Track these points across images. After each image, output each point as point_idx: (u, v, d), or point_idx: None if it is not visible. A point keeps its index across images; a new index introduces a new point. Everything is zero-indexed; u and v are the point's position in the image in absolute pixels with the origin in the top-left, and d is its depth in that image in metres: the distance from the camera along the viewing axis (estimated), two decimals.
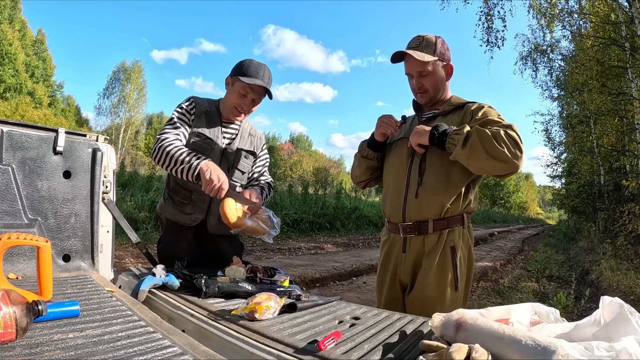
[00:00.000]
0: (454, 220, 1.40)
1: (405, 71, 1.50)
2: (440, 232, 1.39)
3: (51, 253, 1.00)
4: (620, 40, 7.22)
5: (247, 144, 1.70)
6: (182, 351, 0.75)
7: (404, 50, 1.44)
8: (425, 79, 1.46)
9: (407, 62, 1.47)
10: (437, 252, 1.38)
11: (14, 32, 21.32)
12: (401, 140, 1.54)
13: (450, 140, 1.29)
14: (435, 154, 1.39)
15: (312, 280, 4.71)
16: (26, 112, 20.01)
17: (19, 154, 1.37)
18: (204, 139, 1.58)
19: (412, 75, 1.48)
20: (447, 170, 1.38)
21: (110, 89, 29.40)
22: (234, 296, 1.20)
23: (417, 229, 1.41)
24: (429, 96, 1.49)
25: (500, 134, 1.22)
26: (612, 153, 9.29)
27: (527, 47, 11.12)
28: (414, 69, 1.45)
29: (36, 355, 0.69)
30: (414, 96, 1.54)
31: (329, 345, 0.80)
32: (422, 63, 1.42)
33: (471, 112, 1.41)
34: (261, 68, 1.57)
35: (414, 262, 1.42)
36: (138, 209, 7.48)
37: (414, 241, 1.42)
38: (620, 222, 7.19)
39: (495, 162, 1.21)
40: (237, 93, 1.57)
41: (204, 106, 1.63)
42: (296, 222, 10.09)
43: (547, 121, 14.26)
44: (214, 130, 1.61)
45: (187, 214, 1.62)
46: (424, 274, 1.38)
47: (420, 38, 1.45)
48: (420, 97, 1.51)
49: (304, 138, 52.07)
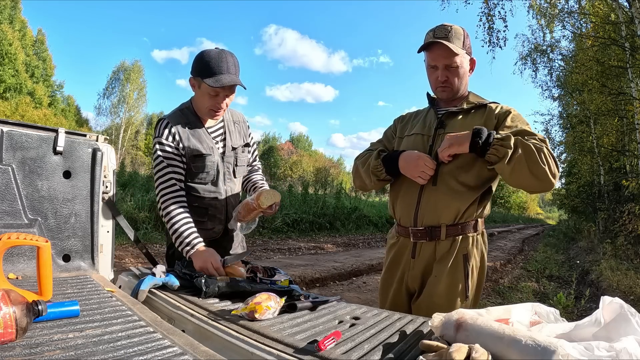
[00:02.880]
0: (467, 226, 1.33)
1: (429, 62, 1.38)
2: (454, 238, 1.32)
3: (51, 253, 1.00)
4: (620, 40, 7.22)
5: (237, 137, 1.63)
6: (182, 351, 0.75)
7: (437, 40, 1.31)
8: (451, 72, 1.35)
9: (434, 52, 1.35)
10: (448, 260, 1.31)
11: (14, 32, 21.32)
12: (413, 136, 1.43)
13: (493, 151, 1.17)
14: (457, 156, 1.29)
15: (312, 280, 4.71)
16: (26, 112, 20.02)
17: (19, 154, 1.37)
18: (203, 158, 1.51)
19: (437, 67, 1.36)
20: (465, 173, 1.30)
21: (110, 89, 29.42)
22: (234, 296, 1.20)
23: (428, 235, 1.33)
24: (451, 91, 1.39)
25: (544, 152, 1.16)
26: (612, 153, 9.29)
27: (527, 47, 11.12)
28: (441, 60, 1.34)
29: (36, 355, 0.69)
30: (433, 90, 1.44)
31: (329, 345, 0.80)
32: (451, 54, 1.31)
33: (496, 115, 1.33)
34: (223, 59, 1.40)
35: (423, 268, 1.36)
36: (138, 209, 7.48)
37: (424, 247, 1.35)
38: (620, 222, 7.19)
39: (536, 180, 1.16)
40: (207, 95, 1.44)
41: (181, 123, 1.50)
42: (296, 222, 10.08)
43: (547, 121, 14.24)
44: (205, 142, 1.53)
45: (209, 230, 1.58)
46: (434, 281, 1.32)
47: (448, 27, 1.33)
48: (441, 91, 1.40)
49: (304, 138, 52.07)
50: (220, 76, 1.40)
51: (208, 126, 1.57)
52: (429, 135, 1.39)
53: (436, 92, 1.43)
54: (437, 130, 1.38)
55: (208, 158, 1.52)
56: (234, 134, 1.63)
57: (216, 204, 1.59)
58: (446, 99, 1.43)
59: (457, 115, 1.39)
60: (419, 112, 1.54)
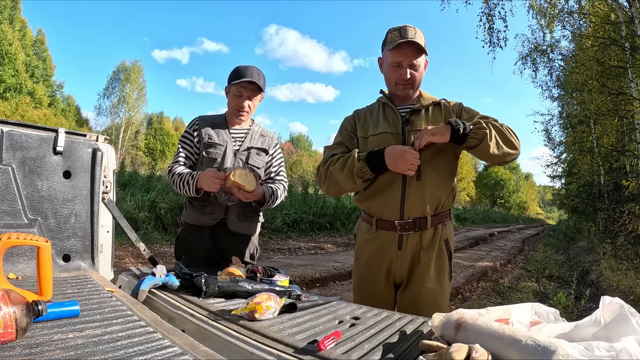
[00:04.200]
0: (445, 215, 1.46)
1: (393, 59, 1.43)
2: (435, 226, 1.43)
3: (51, 253, 1.00)
4: (620, 40, 7.22)
5: (257, 143, 1.78)
6: (182, 351, 0.75)
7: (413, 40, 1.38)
8: (416, 71, 1.44)
9: (403, 50, 1.40)
10: (434, 246, 1.42)
11: (14, 32, 21.32)
12: (381, 135, 1.46)
13: (473, 135, 1.30)
14: (429, 149, 1.38)
15: (312, 280, 4.71)
16: (26, 112, 20.02)
17: (19, 154, 1.37)
18: (215, 146, 1.70)
19: (401, 65, 1.43)
20: (441, 164, 1.42)
21: (110, 89, 29.42)
22: (234, 296, 1.20)
23: (416, 226, 1.41)
24: (411, 88, 1.47)
25: (506, 127, 1.35)
26: (612, 153, 9.29)
27: (527, 47, 11.12)
28: (409, 59, 1.41)
29: (36, 355, 0.69)
30: (391, 87, 1.50)
31: (329, 345, 0.80)
32: (418, 54, 1.41)
33: (453, 109, 1.48)
34: (248, 68, 1.68)
35: (411, 258, 1.43)
36: (138, 209, 7.48)
37: (410, 238, 1.42)
38: (620, 222, 7.19)
39: (511, 151, 1.33)
40: (233, 96, 1.70)
41: (209, 120, 1.76)
42: (296, 222, 10.08)
43: (547, 121, 14.26)
44: (222, 136, 1.73)
45: (208, 214, 1.69)
46: (425, 267, 1.41)
47: (413, 29, 1.41)
48: (402, 89, 1.47)
49: (304, 138, 52.09)
50: (242, 77, 1.65)
51: (232, 128, 1.77)
52: (397, 133, 1.45)
53: (395, 89, 1.48)
54: (404, 127, 1.46)
55: (219, 147, 1.70)
56: (255, 140, 1.79)
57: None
58: (404, 97, 1.50)
59: (419, 112, 1.48)
60: (372, 109, 1.57)
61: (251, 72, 1.67)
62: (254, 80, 1.65)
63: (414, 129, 1.44)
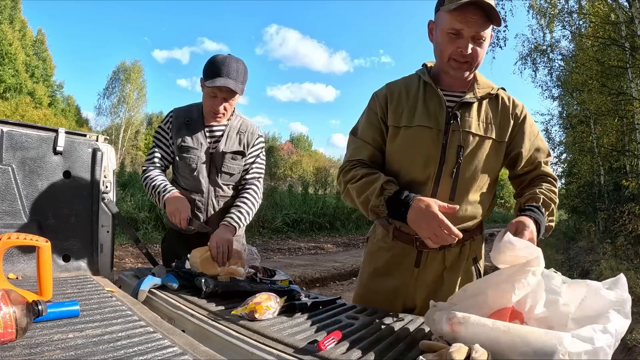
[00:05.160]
0: (476, 230, 1.21)
1: (451, 26, 1.06)
2: (463, 243, 1.19)
3: (51, 253, 1.00)
4: (620, 40, 7.22)
5: (234, 144, 1.62)
6: (182, 351, 0.75)
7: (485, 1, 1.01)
8: (479, 46, 1.09)
9: (468, 15, 1.04)
10: (460, 266, 1.19)
11: (14, 32, 21.30)
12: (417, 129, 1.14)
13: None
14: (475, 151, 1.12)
15: (312, 280, 4.72)
16: (26, 112, 20.00)
17: (19, 154, 1.37)
18: (189, 150, 1.57)
19: (461, 34, 1.06)
20: (484, 180, 1.15)
21: (110, 89, 29.38)
22: (234, 296, 1.20)
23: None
24: (470, 68, 1.12)
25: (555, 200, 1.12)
26: (612, 153, 9.28)
27: (527, 47, 11.12)
28: (474, 28, 1.05)
29: (36, 355, 0.69)
30: (443, 62, 1.13)
31: (329, 345, 0.80)
32: (487, 24, 1.06)
33: (513, 115, 1.17)
34: (225, 63, 1.46)
35: (432, 278, 1.19)
36: (138, 209, 7.48)
37: (431, 255, 1.18)
38: (620, 222, 7.18)
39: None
40: (207, 96, 1.53)
41: (183, 116, 1.61)
42: (296, 222, 10.09)
43: (547, 121, 14.23)
44: (196, 137, 1.59)
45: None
46: (447, 289, 1.17)
47: None
48: (458, 68, 1.11)
49: (304, 138, 52.03)
50: (217, 79, 1.45)
51: (209, 125, 1.62)
52: (438, 129, 1.13)
53: (447, 66, 1.12)
54: (448, 124, 1.12)
55: (193, 152, 1.58)
56: (232, 139, 1.63)
57: (196, 200, 1.61)
58: (457, 78, 1.14)
59: (471, 105, 1.14)
60: (409, 86, 1.22)
61: (228, 70, 1.46)
62: (229, 85, 1.45)
63: (461, 128, 1.11)
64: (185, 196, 1.57)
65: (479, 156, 1.12)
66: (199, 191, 1.61)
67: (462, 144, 1.11)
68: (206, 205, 1.63)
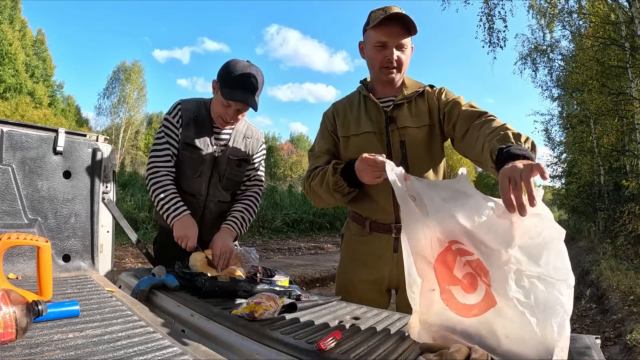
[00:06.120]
0: None
1: (377, 39, 1.26)
2: None
3: (51, 253, 1.00)
4: (620, 40, 7.22)
5: (239, 150, 1.61)
6: (182, 351, 0.75)
7: (403, 13, 1.22)
8: (402, 52, 1.29)
9: (389, 29, 1.24)
10: None
11: (14, 32, 21.30)
12: (363, 135, 1.33)
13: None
14: (414, 141, 1.29)
15: (312, 280, 4.72)
16: (26, 112, 20.01)
17: (19, 154, 1.37)
18: (194, 150, 1.54)
19: (386, 45, 1.26)
20: (430, 158, 1.32)
21: (110, 89, 29.40)
22: (234, 296, 1.20)
23: None
24: (398, 74, 1.31)
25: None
26: (612, 153, 9.29)
27: (527, 47, 11.13)
28: (395, 38, 1.25)
29: (36, 355, 0.69)
30: (375, 71, 1.33)
31: (329, 345, 0.80)
32: (407, 33, 1.26)
33: (435, 97, 1.33)
34: (245, 76, 1.42)
35: None
36: (138, 209, 7.49)
37: None
38: (620, 222, 7.19)
39: None
40: (220, 103, 1.47)
41: (192, 111, 1.55)
42: (296, 222, 10.10)
43: (547, 121, 14.26)
44: (204, 138, 1.55)
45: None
46: None
47: (398, 9, 1.26)
48: (388, 74, 1.30)
49: (304, 138, 52.07)
50: (236, 91, 1.42)
51: (216, 127, 1.58)
52: (380, 132, 1.32)
53: (380, 73, 1.32)
54: (387, 126, 1.32)
55: (198, 152, 1.54)
56: (238, 145, 1.61)
57: (192, 202, 1.58)
58: (388, 82, 1.33)
59: (402, 105, 1.33)
60: (351, 102, 1.42)
61: (249, 84, 1.42)
62: (249, 102, 1.43)
63: (398, 127, 1.31)
64: (182, 198, 1.54)
65: (419, 144, 1.30)
66: (197, 194, 1.59)
67: (403, 138, 1.30)
68: (202, 209, 1.61)
